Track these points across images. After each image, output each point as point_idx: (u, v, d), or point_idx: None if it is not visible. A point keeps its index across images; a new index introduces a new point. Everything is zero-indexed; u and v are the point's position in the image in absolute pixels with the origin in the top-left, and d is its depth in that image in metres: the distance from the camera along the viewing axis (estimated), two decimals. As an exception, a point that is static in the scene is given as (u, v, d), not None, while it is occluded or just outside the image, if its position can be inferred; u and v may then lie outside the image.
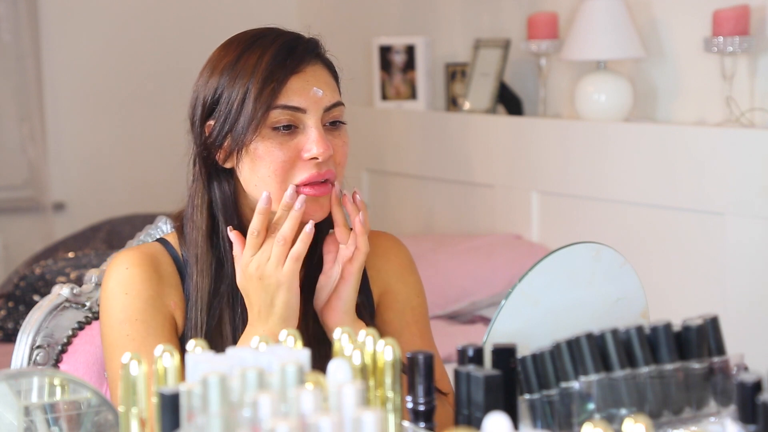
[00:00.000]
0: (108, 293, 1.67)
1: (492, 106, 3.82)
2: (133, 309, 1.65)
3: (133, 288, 1.66)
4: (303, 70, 1.66)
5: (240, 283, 1.64)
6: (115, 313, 1.65)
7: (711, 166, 3.05)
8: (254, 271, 1.61)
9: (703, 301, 3.05)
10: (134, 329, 1.64)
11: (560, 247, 1.50)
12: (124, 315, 1.64)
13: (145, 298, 1.65)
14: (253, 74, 1.64)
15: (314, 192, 1.64)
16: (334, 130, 1.68)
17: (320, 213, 1.66)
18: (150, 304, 1.65)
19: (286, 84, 1.64)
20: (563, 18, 3.65)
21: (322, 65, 1.71)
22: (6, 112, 4.65)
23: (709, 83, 3.22)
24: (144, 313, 1.65)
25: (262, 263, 1.61)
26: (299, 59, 1.67)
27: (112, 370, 1.65)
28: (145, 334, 1.64)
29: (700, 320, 1.38)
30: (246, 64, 1.65)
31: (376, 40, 4.31)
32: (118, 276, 1.67)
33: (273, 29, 1.72)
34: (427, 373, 1.32)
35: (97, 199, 4.70)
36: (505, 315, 1.45)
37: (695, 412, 1.36)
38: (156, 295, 1.66)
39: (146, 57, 4.71)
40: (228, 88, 1.65)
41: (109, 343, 1.66)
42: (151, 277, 1.67)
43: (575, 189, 3.48)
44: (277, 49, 1.66)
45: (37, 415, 1.36)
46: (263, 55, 1.65)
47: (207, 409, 1.10)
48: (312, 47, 1.70)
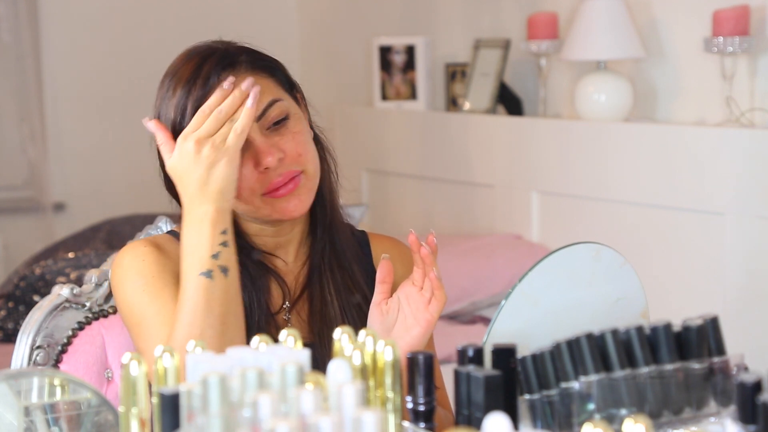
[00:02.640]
0: (122, 266, 1.68)
1: (492, 106, 3.82)
2: (148, 270, 1.67)
3: (148, 256, 1.68)
4: (216, 85, 1.64)
5: (172, 165, 1.61)
6: (131, 275, 1.67)
7: (711, 166, 3.05)
8: (192, 146, 1.58)
9: (703, 301, 3.05)
10: (150, 285, 1.66)
11: (560, 248, 1.50)
12: (141, 277, 1.66)
13: (160, 263, 1.68)
14: (170, 107, 1.65)
15: (283, 192, 1.66)
16: (280, 128, 1.68)
17: (300, 208, 1.68)
18: (164, 267, 1.67)
19: None
20: (563, 18, 3.65)
21: (246, 70, 1.67)
22: (6, 112, 4.65)
23: (709, 83, 3.22)
24: (160, 273, 1.66)
25: (202, 137, 1.58)
26: (206, 79, 1.65)
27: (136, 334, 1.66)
28: (162, 287, 1.65)
29: (700, 320, 1.38)
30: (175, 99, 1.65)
31: (376, 40, 4.31)
32: (133, 251, 1.69)
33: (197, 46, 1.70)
34: (427, 373, 1.32)
35: (97, 199, 4.70)
36: (505, 315, 1.45)
37: (695, 412, 1.36)
38: (169, 264, 1.68)
39: (146, 57, 4.70)
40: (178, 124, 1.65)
41: (127, 305, 1.67)
42: (161, 252, 1.69)
43: (575, 189, 3.48)
44: (188, 77, 1.65)
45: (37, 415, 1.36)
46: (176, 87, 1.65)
47: (207, 409, 1.10)
48: (221, 57, 1.67)
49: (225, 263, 1.59)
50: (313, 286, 1.74)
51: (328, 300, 1.73)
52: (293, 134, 1.68)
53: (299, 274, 1.76)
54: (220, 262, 1.59)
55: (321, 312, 1.72)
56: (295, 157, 1.67)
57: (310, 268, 1.75)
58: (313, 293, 1.74)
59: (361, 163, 4.37)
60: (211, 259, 1.58)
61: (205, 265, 1.58)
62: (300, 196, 1.67)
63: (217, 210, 1.59)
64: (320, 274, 1.74)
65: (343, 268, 1.75)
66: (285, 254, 1.75)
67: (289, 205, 1.67)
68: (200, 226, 1.59)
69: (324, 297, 1.73)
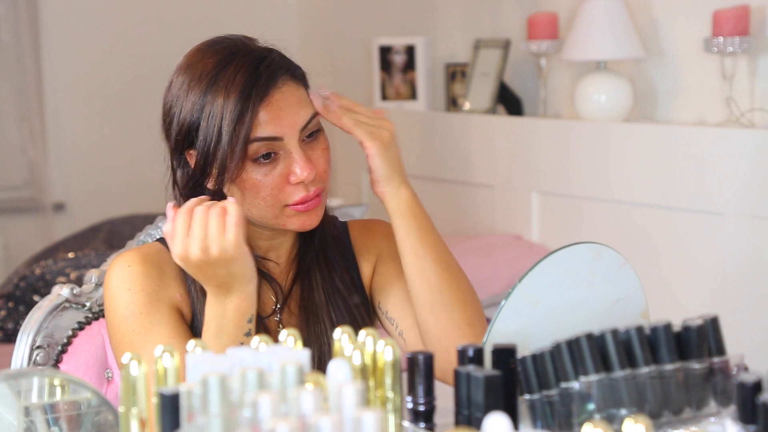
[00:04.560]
0: (111, 292, 1.67)
1: (492, 106, 3.82)
2: (137, 303, 1.65)
3: (135, 283, 1.66)
4: (271, 95, 1.64)
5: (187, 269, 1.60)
6: (119, 309, 1.66)
7: (711, 166, 3.05)
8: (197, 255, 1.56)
9: (703, 301, 3.05)
10: (139, 323, 1.64)
11: (560, 248, 1.50)
12: (128, 311, 1.65)
13: (147, 292, 1.66)
14: (225, 109, 1.62)
15: (306, 207, 1.67)
16: (312, 141, 1.68)
17: (315, 221, 1.69)
18: (153, 297, 1.66)
19: (257, 117, 1.62)
20: (563, 18, 3.65)
21: (291, 80, 1.67)
22: (6, 112, 4.65)
23: (709, 83, 3.22)
24: (147, 306, 1.65)
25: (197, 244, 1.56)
26: (265, 86, 1.64)
27: None
28: (150, 326, 1.64)
29: (700, 320, 1.38)
30: (216, 94, 1.63)
31: (376, 40, 4.31)
32: (120, 274, 1.67)
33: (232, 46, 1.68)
34: (427, 373, 1.32)
35: (97, 199, 4.70)
36: (505, 315, 1.45)
37: (695, 412, 1.36)
38: (158, 289, 1.67)
39: (146, 57, 4.71)
40: (204, 119, 1.63)
41: (117, 341, 1.66)
42: (152, 272, 1.68)
43: (575, 189, 3.48)
44: (243, 79, 1.63)
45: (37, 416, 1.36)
46: (230, 89, 1.63)
47: (207, 409, 1.10)
48: (275, 67, 1.66)
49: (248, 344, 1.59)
50: (302, 280, 1.76)
51: (314, 289, 1.75)
52: (322, 150, 1.69)
53: (290, 272, 1.77)
54: None
55: (308, 302, 1.74)
56: (322, 174, 1.68)
57: (299, 265, 1.77)
58: (302, 287, 1.76)
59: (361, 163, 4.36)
60: None
61: None
62: (317, 212, 1.69)
63: (245, 299, 1.59)
64: (308, 269, 1.76)
65: (328, 261, 1.77)
66: (277, 256, 1.76)
67: (308, 219, 1.68)
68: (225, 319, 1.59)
69: (311, 287, 1.75)
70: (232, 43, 1.68)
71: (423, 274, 1.68)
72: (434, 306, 1.67)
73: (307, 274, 1.76)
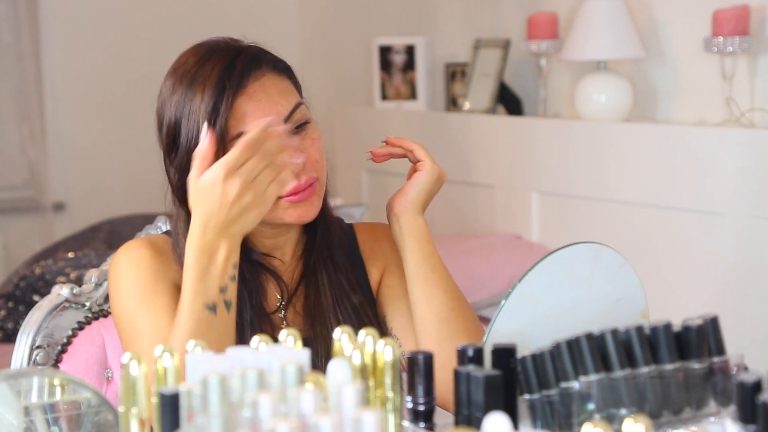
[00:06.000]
0: (118, 270, 1.69)
1: (492, 106, 3.82)
2: (143, 278, 1.67)
3: (142, 261, 1.68)
4: (247, 86, 1.63)
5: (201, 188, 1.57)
6: (125, 282, 1.67)
7: (711, 166, 3.05)
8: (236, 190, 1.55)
9: (703, 301, 3.06)
10: (143, 295, 1.66)
11: (560, 247, 1.50)
12: (134, 283, 1.67)
13: (154, 269, 1.68)
14: (201, 103, 1.62)
15: (300, 198, 1.66)
16: (300, 131, 1.67)
17: (312, 214, 1.69)
18: (159, 275, 1.67)
19: (234, 108, 1.62)
20: (563, 18, 3.65)
21: (271, 71, 1.67)
22: (6, 112, 4.65)
23: (709, 83, 3.22)
24: (152, 282, 1.67)
25: (247, 181, 1.55)
26: (240, 77, 1.63)
27: (127, 343, 1.66)
28: (154, 297, 1.65)
29: (700, 320, 1.38)
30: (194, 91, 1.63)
31: (376, 40, 4.31)
32: (128, 254, 1.69)
33: (214, 45, 1.68)
34: (427, 373, 1.32)
35: (97, 199, 4.70)
36: (505, 315, 1.45)
37: (695, 412, 1.36)
38: (164, 269, 1.68)
39: (146, 57, 4.71)
40: (185, 117, 1.63)
41: (119, 312, 1.67)
42: (158, 255, 1.69)
43: (575, 189, 3.48)
44: (219, 72, 1.63)
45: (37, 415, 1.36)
46: (206, 84, 1.62)
47: (207, 409, 1.10)
48: (252, 58, 1.66)
49: (230, 298, 1.59)
50: (308, 280, 1.76)
51: (321, 291, 1.75)
52: (312, 140, 1.68)
53: (295, 271, 1.77)
54: (226, 296, 1.59)
55: (315, 304, 1.74)
56: (314, 163, 1.68)
57: (305, 265, 1.76)
58: (308, 287, 1.75)
59: (361, 163, 4.37)
60: (218, 292, 1.58)
61: (211, 297, 1.58)
62: (313, 203, 1.68)
63: (233, 246, 1.59)
64: (314, 270, 1.76)
65: (335, 262, 1.77)
66: (282, 254, 1.76)
67: (303, 211, 1.67)
68: (213, 256, 1.59)
69: (318, 289, 1.75)
70: (214, 43, 1.69)
71: (431, 302, 1.70)
72: (440, 334, 1.68)
73: (314, 273, 1.76)
